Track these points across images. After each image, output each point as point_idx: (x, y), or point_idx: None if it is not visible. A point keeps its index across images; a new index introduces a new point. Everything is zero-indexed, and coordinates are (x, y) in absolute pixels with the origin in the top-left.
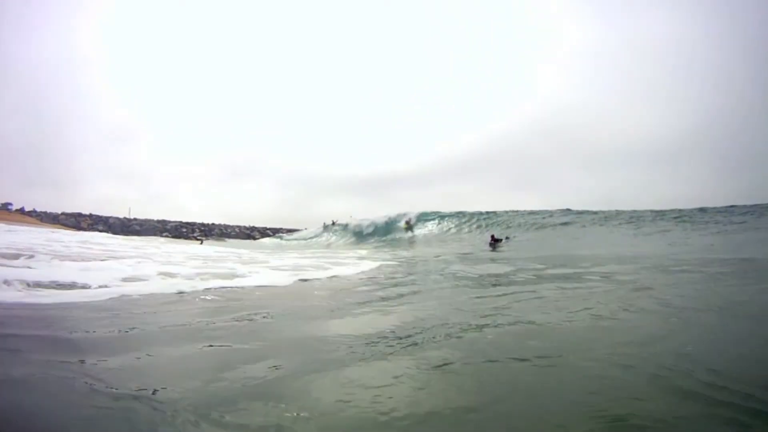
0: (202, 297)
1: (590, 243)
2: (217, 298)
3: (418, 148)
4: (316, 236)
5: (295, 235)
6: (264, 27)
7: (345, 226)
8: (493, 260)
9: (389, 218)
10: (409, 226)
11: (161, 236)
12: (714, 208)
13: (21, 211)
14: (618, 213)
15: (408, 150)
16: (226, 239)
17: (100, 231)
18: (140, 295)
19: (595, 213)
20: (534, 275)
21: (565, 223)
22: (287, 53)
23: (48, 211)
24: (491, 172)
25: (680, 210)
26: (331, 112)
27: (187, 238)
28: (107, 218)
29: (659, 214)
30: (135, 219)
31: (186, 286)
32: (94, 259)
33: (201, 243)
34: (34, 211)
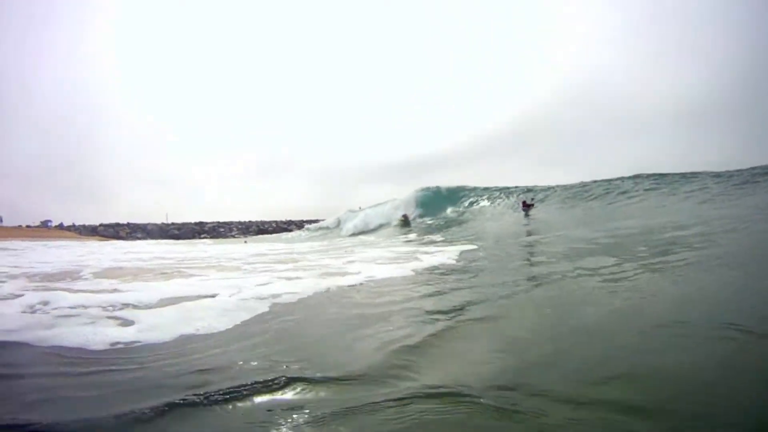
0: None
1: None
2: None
3: (448, 130)
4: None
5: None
6: (291, 24)
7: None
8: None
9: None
10: (406, 221)
11: (199, 238)
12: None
13: (60, 226)
14: (661, 176)
15: (439, 132)
16: (263, 235)
17: (140, 239)
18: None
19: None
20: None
21: (624, 192)
22: (314, 47)
23: (86, 224)
24: (524, 147)
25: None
26: (360, 101)
27: (225, 237)
28: (145, 225)
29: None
30: (173, 223)
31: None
32: (195, 274)
33: (245, 242)
34: (73, 225)
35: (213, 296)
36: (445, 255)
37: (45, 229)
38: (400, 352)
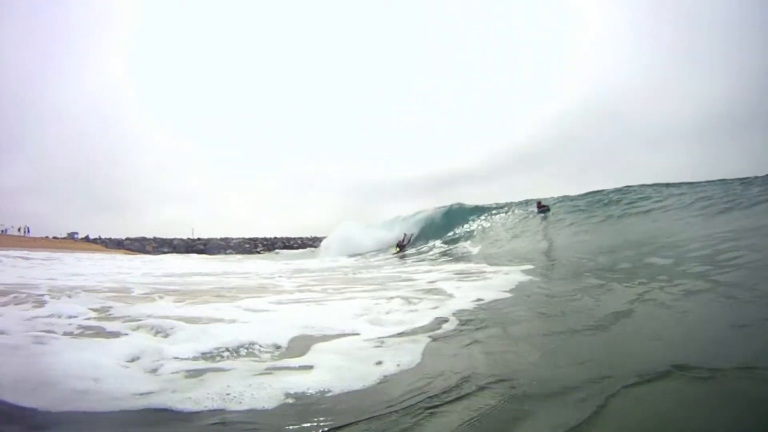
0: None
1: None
2: None
3: (474, 144)
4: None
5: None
6: (317, 43)
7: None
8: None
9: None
10: (401, 248)
11: (225, 253)
12: None
13: (86, 239)
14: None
15: (466, 146)
16: (278, 251)
17: (166, 253)
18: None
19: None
20: None
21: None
22: (342, 65)
23: (112, 237)
24: (550, 160)
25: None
26: (390, 115)
27: (250, 253)
28: (171, 240)
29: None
30: (198, 239)
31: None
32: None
33: (277, 253)
34: (99, 238)
35: (355, 334)
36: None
37: (72, 241)
38: None
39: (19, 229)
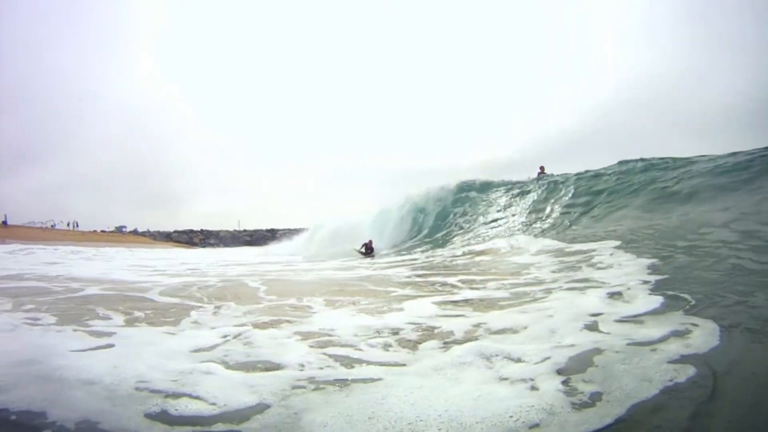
0: None
1: None
2: None
3: (514, 132)
4: None
5: None
6: (356, 38)
7: None
8: None
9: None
10: (368, 249)
11: (271, 244)
12: None
13: (134, 232)
14: None
15: (505, 135)
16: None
17: (212, 245)
18: None
19: None
20: None
21: None
22: (385, 53)
23: (160, 230)
24: (588, 150)
25: None
26: (430, 105)
27: None
28: (218, 232)
29: None
30: (245, 230)
31: None
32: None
33: None
34: (148, 231)
35: None
36: None
37: (120, 234)
38: None
39: (68, 224)
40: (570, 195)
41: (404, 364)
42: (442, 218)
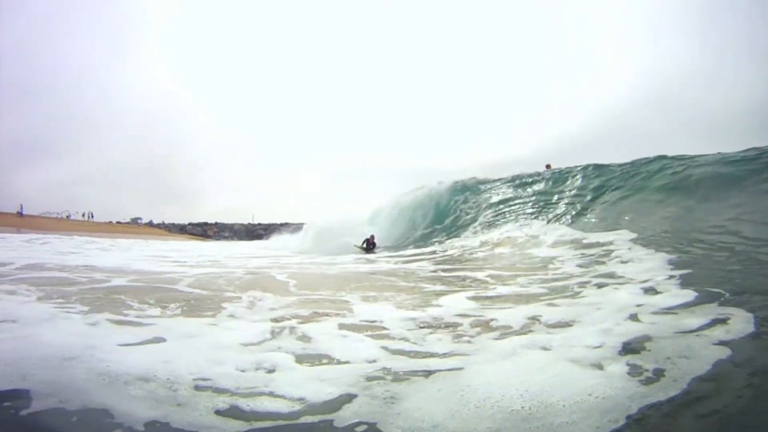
0: None
1: None
2: None
3: (518, 134)
4: None
5: None
6: (366, 40)
7: None
8: None
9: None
10: (369, 245)
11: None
12: None
13: (150, 224)
14: None
15: (509, 137)
16: None
17: (226, 237)
18: None
19: None
20: None
21: None
22: (387, 54)
23: (175, 222)
24: (601, 149)
25: None
26: (432, 106)
27: None
28: (232, 225)
29: None
30: (259, 224)
31: None
32: None
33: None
34: (163, 223)
35: None
36: None
37: (136, 226)
38: None
39: (83, 215)
40: (578, 183)
41: (471, 354)
42: (451, 209)
